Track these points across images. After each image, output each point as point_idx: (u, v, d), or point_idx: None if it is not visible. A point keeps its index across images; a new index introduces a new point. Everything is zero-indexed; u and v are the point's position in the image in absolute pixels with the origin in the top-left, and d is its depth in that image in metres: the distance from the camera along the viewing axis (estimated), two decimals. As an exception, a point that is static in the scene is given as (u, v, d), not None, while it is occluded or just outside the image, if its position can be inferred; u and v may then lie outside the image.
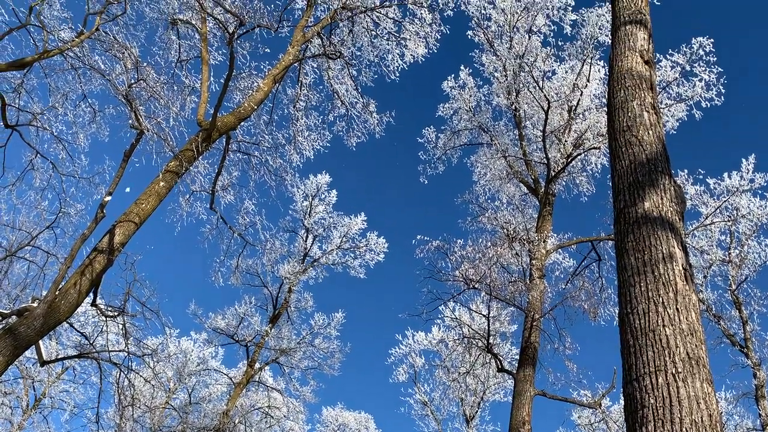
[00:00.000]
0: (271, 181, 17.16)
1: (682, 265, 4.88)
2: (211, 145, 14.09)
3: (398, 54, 19.49)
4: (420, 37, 19.22)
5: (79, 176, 15.39)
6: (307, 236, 27.08)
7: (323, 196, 27.18)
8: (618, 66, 6.82)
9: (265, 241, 18.81)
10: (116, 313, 13.10)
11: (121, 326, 14.19)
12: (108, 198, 11.30)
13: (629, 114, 6.15)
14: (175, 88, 15.06)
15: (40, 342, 11.49)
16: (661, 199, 5.30)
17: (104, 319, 13.76)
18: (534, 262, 16.32)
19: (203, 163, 15.46)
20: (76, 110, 15.24)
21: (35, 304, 10.52)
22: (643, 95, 6.32)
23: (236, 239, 17.36)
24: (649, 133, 5.92)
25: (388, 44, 19.43)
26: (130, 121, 10.99)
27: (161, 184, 12.31)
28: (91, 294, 11.47)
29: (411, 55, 19.48)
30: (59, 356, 21.36)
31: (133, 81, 11.51)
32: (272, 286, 26.48)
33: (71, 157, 15.28)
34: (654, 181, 5.42)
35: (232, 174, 16.89)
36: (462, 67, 21.47)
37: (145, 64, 11.98)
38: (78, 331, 15.20)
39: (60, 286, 10.69)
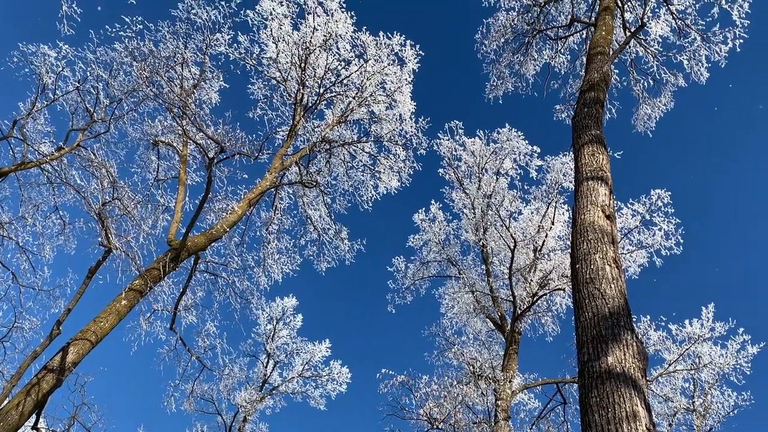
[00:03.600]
0: (236, 304, 16.90)
1: (646, 425, 4.84)
2: (179, 264, 13.96)
3: (372, 185, 20.18)
4: (394, 171, 20.02)
5: (39, 288, 15.01)
6: (267, 362, 26.23)
7: (288, 320, 26.72)
8: (581, 219, 7.14)
9: (223, 366, 18.22)
10: (56, 439, 12.22)
11: (59, 453, 13.19)
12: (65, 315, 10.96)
13: (592, 267, 6.36)
14: (149, 206, 15.21)
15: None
16: (624, 354, 5.35)
17: (42, 444, 12.79)
18: (499, 402, 15.96)
19: (168, 282, 15.21)
20: (46, 221, 15.17)
21: (-31, 426, 9.79)
22: (605, 249, 6.58)
23: (194, 362, 16.72)
24: (611, 287, 6.09)
25: (362, 176, 20.15)
26: (100, 239, 10.94)
27: (123, 302, 12.00)
28: (34, 415, 10.77)
29: (384, 186, 20.19)
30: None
31: (107, 199, 11.60)
32: (227, 414, 25.17)
33: (33, 269, 14.98)
34: (617, 336, 5.50)
35: (197, 294, 16.63)
36: (433, 201, 22.27)
37: (121, 183, 12.15)
38: (10, 457, 14.02)
39: (2, 405, 10.04)
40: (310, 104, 18.77)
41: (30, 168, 13.44)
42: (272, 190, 18.21)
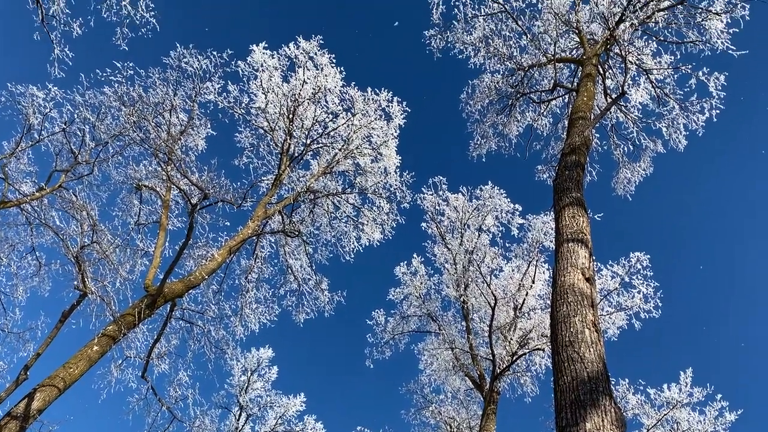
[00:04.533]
0: (210, 353, 16.55)
1: (624, 495, 4.75)
2: (155, 311, 13.71)
3: (355, 236, 20.16)
4: (377, 224, 20.06)
5: (8, 330, 14.62)
6: (240, 414, 25.48)
7: (263, 372, 26.12)
8: (561, 281, 7.17)
9: (194, 417, 17.65)
10: (12, 492, 11.62)
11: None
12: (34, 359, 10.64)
13: (571, 329, 6.36)
14: (128, 251, 15.04)
15: None
16: (602, 420, 5.29)
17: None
18: (476, 464, 15.59)
19: (142, 328, 14.91)
20: (21, 262, 14.91)
21: None
22: (584, 312, 6.59)
23: (164, 413, 16.20)
24: (590, 351, 6.08)
25: (346, 227, 20.15)
26: (75, 283, 10.75)
27: (95, 348, 11.70)
28: (-10, 466, 10.30)
29: (367, 238, 20.17)
30: None
31: (86, 242, 11.45)
32: (195, 468, 24.22)
33: (4, 310, 14.63)
34: (595, 402, 5.45)
35: (171, 342, 16.27)
36: (415, 255, 22.29)
37: (101, 226, 12.04)
38: None
39: (-43, 454, 9.62)
40: (297, 154, 18.93)
41: (9, 207, 13.30)
42: (254, 238, 18.11)
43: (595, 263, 8.01)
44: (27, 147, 13.76)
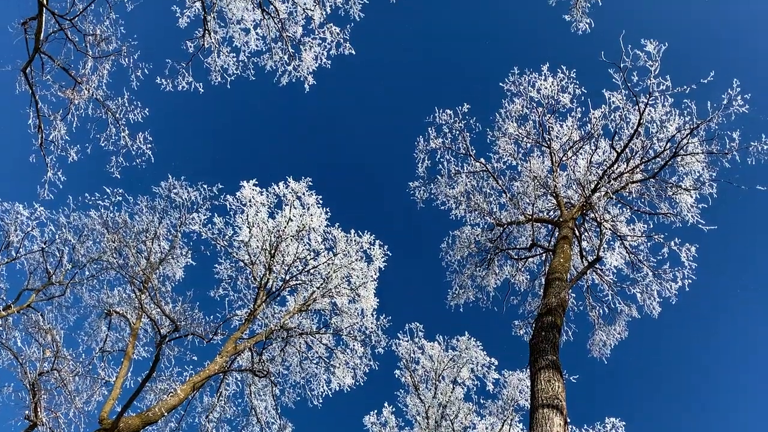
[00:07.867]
0: (156, 501, 15.27)
1: None
2: (105, 447, 12.84)
3: (325, 379, 19.53)
4: (349, 367, 19.53)
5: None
6: None
7: None
8: (535, 450, 6.93)
9: None
10: None
11: None
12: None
13: (545, 507, 6.05)
14: (88, 379, 14.37)
15: None
16: None
17: None
18: None
19: (87, 466, 13.86)
20: (-28, 383, 14.09)
21: None
22: (558, 487, 6.31)
23: None
24: None
25: (317, 368, 19.57)
26: (27, 412, 10.14)
27: (31, 487, 10.79)
28: None
29: (338, 383, 19.52)
30: None
31: (46, 369, 10.97)
32: None
33: (-60, 435, 13.55)
34: None
35: (116, 484, 15.03)
36: (386, 404, 21.38)
37: (64, 351, 11.59)
38: None
39: None
40: (274, 290, 18.82)
41: (-30, 324, 12.86)
42: (220, 374, 17.46)
43: (569, 427, 7.80)
44: (2, 264, 13.59)
